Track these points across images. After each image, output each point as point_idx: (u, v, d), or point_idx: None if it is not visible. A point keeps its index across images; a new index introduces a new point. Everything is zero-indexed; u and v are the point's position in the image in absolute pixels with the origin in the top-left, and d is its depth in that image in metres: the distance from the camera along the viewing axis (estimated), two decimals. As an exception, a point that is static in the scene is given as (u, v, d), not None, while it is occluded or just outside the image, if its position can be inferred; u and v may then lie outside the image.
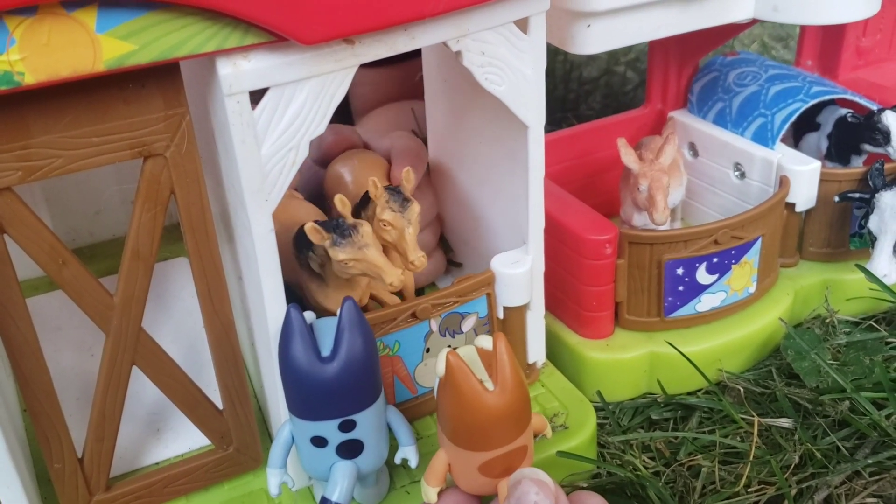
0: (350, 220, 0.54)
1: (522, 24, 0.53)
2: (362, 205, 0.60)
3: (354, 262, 0.53)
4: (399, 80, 0.99)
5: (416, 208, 0.57)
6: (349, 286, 0.58)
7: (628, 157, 0.68)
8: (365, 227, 0.53)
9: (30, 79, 0.39)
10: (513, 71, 0.54)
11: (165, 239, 0.50)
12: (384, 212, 0.57)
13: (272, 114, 0.46)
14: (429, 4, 0.46)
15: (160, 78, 0.44)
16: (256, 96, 0.46)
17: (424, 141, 0.77)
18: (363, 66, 0.48)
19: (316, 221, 0.54)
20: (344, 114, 1.08)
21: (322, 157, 0.74)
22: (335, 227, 0.53)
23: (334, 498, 0.49)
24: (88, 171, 0.45)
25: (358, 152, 0.73)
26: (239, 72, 0.44)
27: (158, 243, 0.48)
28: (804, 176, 0.72)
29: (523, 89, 0.55)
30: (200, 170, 0.47)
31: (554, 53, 1.18)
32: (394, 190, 0.57)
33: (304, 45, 0.44)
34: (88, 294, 0.48)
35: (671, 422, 0.68)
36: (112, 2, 0.39)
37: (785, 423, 0.65)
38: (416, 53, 0.91)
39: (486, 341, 0.48)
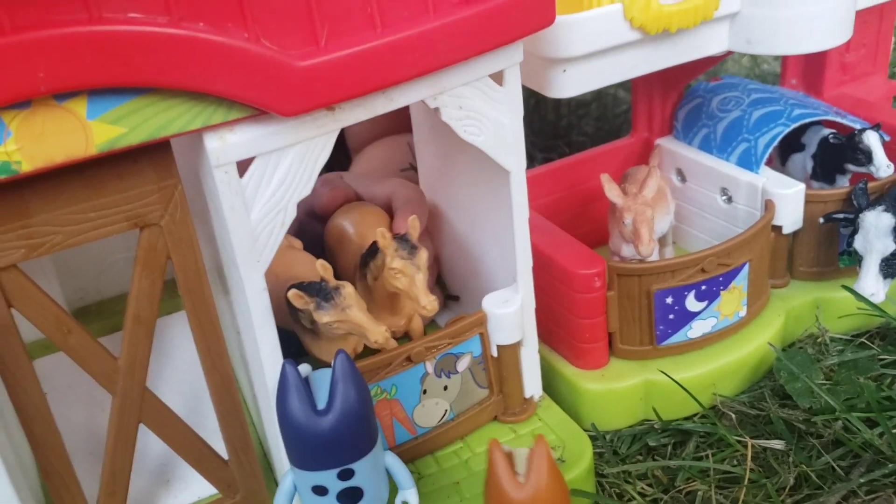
0: (332, 282, 0.56)
1: (497, 77, 0.55)
2: (370, 255, 0.62)
3: (339, 323, 0.55)
4: (393, 115, 1.01)
5: (424, 255, 0.59)
6: (342, 339, 0.60)
7: (612, 191, 0.70)
8: (347, 289, 0.55)
9: (27, 167, 0.41)
10: (490, 121, 0.56)
11: (167, 293, 0.52)
12: (394, 260, 0.59)
13: (259, 180, 0.48)
14: (405, 70, 0.48)
15: (152, 153, 0.46)
16: (245, 162, 0.48)
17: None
18: None
19: (299, 285, 0.56)
20: (340, 149, 1.11)
21: (318, 211, 0.76)
22: (318, 290, 0.55)
23: (337, 543, 0.51)
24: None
25: (358, 205, 0.75)
26: (225, 144, 0.46)
27: (158, 307, 0.50)
28: (789, 199, 0.74)
29: (502, 138, 0.57)
30: (194, 235, 0.50)
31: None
32: (402, 238, 0.59)
33: (285, 117, 0.46)
34: (93, 359, 0.50)
35: (668, 447, 0.70)
36: (101, 90, 0.41)
37: (779, 444, 0.67)
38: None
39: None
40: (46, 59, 0.39)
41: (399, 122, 1.00)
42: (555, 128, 1.15)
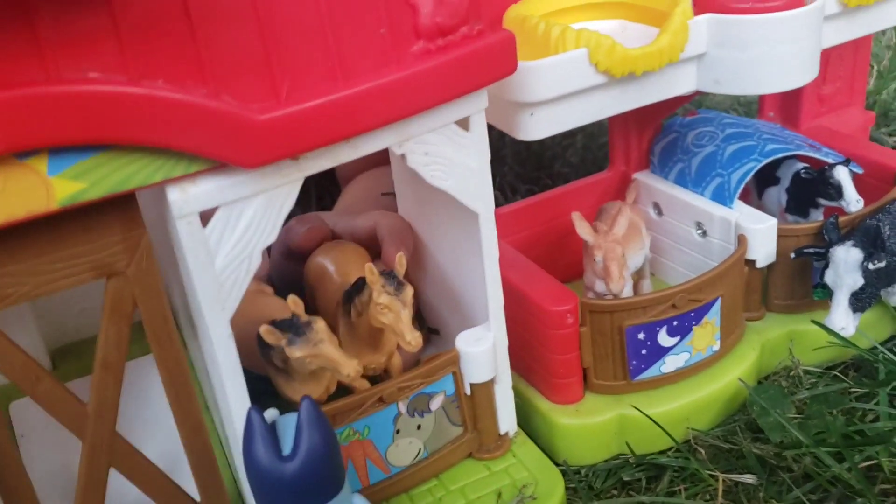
0: (304, 317, 0.56)
1: (464, 123, 0.56)
2: (356, 290, 0.63)
3: (311, 357, 0.56)
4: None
5: (410, 291, 0.60)
6: (313, 378, 0.61)
7: (583, 230, 0.70)
8: (318, 324, 0.56)
9: (-11, 222, 0.42)
10: (457, 166, 0.57)
11: (140, 334, 0.52)
12: (381, 295, 0.59)
13: (223, 230, 0.49)
14: (368, 120, 0.49)
15: (116, 205, 0.47)
16: (209, 211, 0.49)
17: None
18: None
19: (272, 322, 0.57)
20: (330, 179, 1.12)
21: (294, 250, 0.77)
22: (290, 325, 0.56)
23: (305, 588, 0.51)
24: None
25: (338, 243, 0.76)
26: (188, 196, 0.47)
27: (126, 352, 0.51)
28: (761, 234, 0.75)
29: (469, 181, 0.58)
30: (161, 283, 0.50)
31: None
32: (388, 274, 0.60)
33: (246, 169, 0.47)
34: (62, 406, 0.51)
35: (643, 482, 0.70)
36: (61, 148, 0.42)
37: (751, 479, 0.67)
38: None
39: None
40: (5, 118, 0.40)
41: (384, 155, 1.01)
42: (540, 159, 1.16)
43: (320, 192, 1.17)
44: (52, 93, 0.40)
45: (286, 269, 0.78)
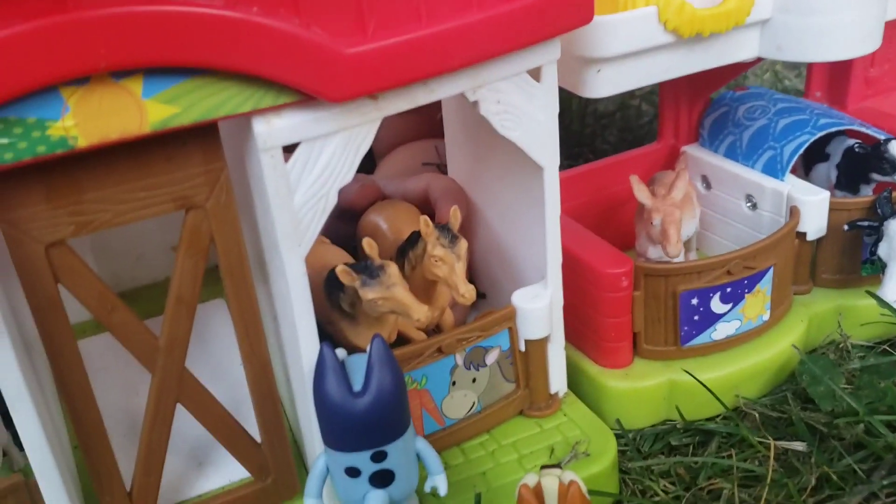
0: (377, 261, 0.57)
1: (535, 73, 0.56)
2: (410, 244, 0.63)
3: (383, 300, 0.56)
4: (417, 121, 1.03)
5: (464, 244, 0.60)
6: (378, 324, 0.61)
7: (641, 192, 0.71)
8: (392, 268, 0.56)
9: (82, 142, 0.42)
10: (527, 117, 0.57)
11: (205, 280, 0.53)
12: (435, 248, 0.60)
13: (304, 166, 0.49)
14: (447, 61, 0.50)
15: (200, 136, 0.48)
16: (287, 147, 0.49)
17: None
18: None
19: (345, 264, 0.57)
20: (366, 154, 1.12)
21: (347, 207, 0.77)
22: (364, 268, 0.57)
23: (368, 526, 0.52)
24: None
25: (391, 202, 0.76)
26: (273, 129, 0.47)
27: (200, 288, 0.52)
28: (813, 206, 0.75)
29: (537, 133, 0.58)
30: (238, 219, 0.51)
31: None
32: (443, 227, 0.61)
33: (332, 102, 0.47)
34: (135, 337, 0.51)
35: (690, 447, 0.70)
36: (156, 70, 0.42)
37: (800, 446, 0.67)
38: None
39: (570, 476, 0.51)
40: (108, 36, 0.40)
41: (424, 127, 1.02)
42: (579, 136, 1.16)
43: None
44: (153, 12, 0.41)
45: (338, 228, 0.78)
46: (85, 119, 0.42)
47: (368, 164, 1.08)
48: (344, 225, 0.79)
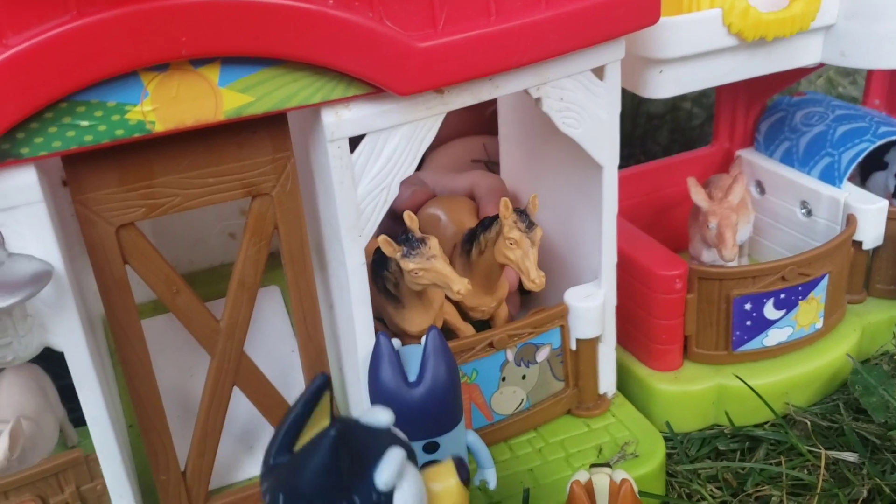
0: (418, 234, 0.57)
1: (598, 72, 0.57)
2: (483, 227, 0.63)
3: (423, 271, 0.57)
4: (467, 119, 1.03)
5: (539, 231, 0.61)
6: (423, 308, 0.62)
7: (698, 195, 0.70)
8: (433, 241, 0.57)
9: (159, 127, 0.43)
10: (589, 115, 0.57)
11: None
12: (512, 230, 0.60)
13: (368, 157, 0.50)
14: (514, 58, 0.50)
15: (270, 125, 0.49)
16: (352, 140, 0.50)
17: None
18: None
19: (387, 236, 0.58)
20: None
21: (399, 211, 0.78)
22: (405, 240, 0.57)
23: (419, 515, 0.52)
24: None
25: (447, 197, 0.77)
26: (341, 120, 0.48)
27: (262, 274, 0.52)
28: (871, 214, 0.74)
29: (599, 132, 0.58)
30: (301, 207, 0.52)
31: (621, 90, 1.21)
32: (521, 212, 0.61)
33: (401, 96, 0.48)
34: (198, 319, 0.52)
35: (738, 453, 0.70)
36: (233, 59, 0.43)
37: (852, 457, 0.67)
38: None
39: (622, 474, 0.51)
40: (189, 24, 0.41)
41: (473, 123, 1.02)
42: (630, 137, 1.16)
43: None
44: (234, 2, 0.41)
45: (392, 228, 0.79)
46: (163, 105, 0.43)
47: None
48: (399, 225, 0.80)
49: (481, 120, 1.01)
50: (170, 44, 0.41)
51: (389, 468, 0.35)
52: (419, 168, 1.04)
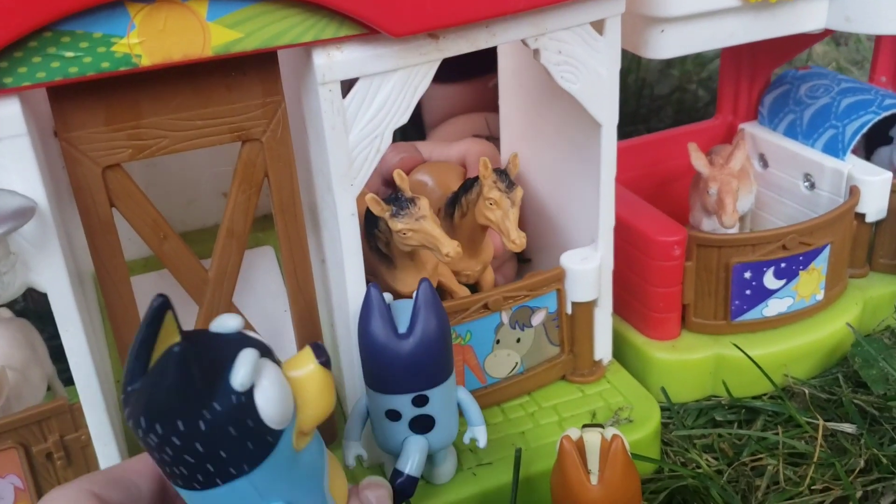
0: (408, 194, 0.56)
1: (598, 26, 0.56)
2: (464, 189, 0.63)
3: (412, 232, 0.56)
4: (469, 94, 1.02)
5: (520, 192, 0.60)
6: (416, 268, 0.61)
7: (699, 161, 0.69)
8: (423, 201, 0.56)
9: (146, 61, 0.43)
10: (588, 70, 0.56)
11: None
12: (492, 191, 0.59)
13: (361, 102, 0.49)
14: (510, 2, 0.49)
15: (260, 67, 0.48)
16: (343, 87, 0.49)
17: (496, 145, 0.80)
18: (436, 81, 0.51)
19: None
20: (416, 125, 1.12)
21: (387, 178, 0.77)
22: (394, 199, 0.56)
23: (406, 470, 0.51)
24: (183, 162, 0.49)
25: (434, 162, 0.76)
26: (332, 62, 0.47)
27: (251, 223, 0.52)
28: (875, 186, 0.73)
29: (598, 88, 0.57)
30: (292, 155, 0.51)
31: (626, 71, 1.20)
32: (502, 172, 0.60)
33: (394, 37, 0.47)
34: (185, 268, 0.51)
35: (735, 424, 0.69)
36: (222, -8, 0.42)
37: (850, 428, 0.66)
38: (485, 70, 0.94)
39: (613, 431, 0.50)
40: (176, -47, 0.40)
41: (474, 101, 1.01)
42: (635, 115, 1.15)
43: (406, 136, 1.18)
44: (222, -69, 0.41)
45: (385, 194, 0.78)
46: (149, 37, 0.42)
47: (419, 134, 1.08)
48: (392, 190, 0.79)
49: (484, 95, 1.00)
50: (156, -28, 0.40)
51: (242, 368, 0.35)
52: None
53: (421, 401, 0.51)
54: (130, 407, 0.36)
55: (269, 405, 0.36)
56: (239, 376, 0.35)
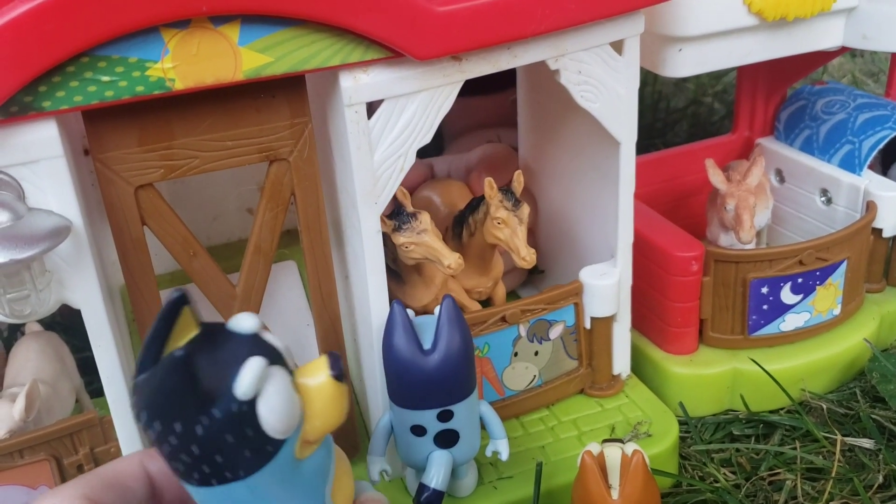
0: (410, 209, 0.58)
1: (617, 46, 0.57)
2: (471, 209, 0.64)
3: (414, 245, 0.57)
4: (487, 108, 1.03)
5: (526, 209, 0.61)
6: (423, 283, 0.62)
7: (716, 177, 0.70)
8: (424, 216, 0.57)
9: (179, 85, 0.44)
10: (607, 89, 0.57)
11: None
12: (499, 210, 0.60)
13: (385, 123, 0.50)
14: (531, 25, 0.50)
15: (288, 89, 0.49)
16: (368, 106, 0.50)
17: None
18: (457, 94, 0.52)
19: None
20: (435, 137, 1.14)
21: None
22: (396, 214, 0.58)
23: (433, 484, 0.52)
24: (208, 179, 0.50)
25: (441, 179, 0.77)
26: (359, 84, 0.48)
27: (278, 240, 0.53)
28: (892, 201, 0.73)
29: (617, 107, 0.58)
30: (318, 174, 0.52)
31: (642, 84, 1.21)
32: (507, 191, 0.61)
33: (418, 60, 0.48)
34: (214, 283, 0.53)
35: (752, 438, 0.69)
36: (253, 18, 0.44)
37: (868, 443, 0.66)
38: (505, 85, 0.95)
39: (634, 447, 0.51)
40: (210, -19, 0.41)
41: (492, 115, 1.03)
42: (651, 129, 1.15)
43: (423, 153, 1.19)
44: (254, -40, 0.42)
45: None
46: (183, 62, 0.43)
47: (437, 147, 1.09)
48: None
49: (504, 109, 1.01)
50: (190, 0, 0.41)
51: (246, 378, 0.34)
52: (440, 155, 1.04)
53: (446, 416, 0.52)
54: (136, 398, 0.35)
55: (271, 415, 0.35)
56: (242, 386, 0.34)
